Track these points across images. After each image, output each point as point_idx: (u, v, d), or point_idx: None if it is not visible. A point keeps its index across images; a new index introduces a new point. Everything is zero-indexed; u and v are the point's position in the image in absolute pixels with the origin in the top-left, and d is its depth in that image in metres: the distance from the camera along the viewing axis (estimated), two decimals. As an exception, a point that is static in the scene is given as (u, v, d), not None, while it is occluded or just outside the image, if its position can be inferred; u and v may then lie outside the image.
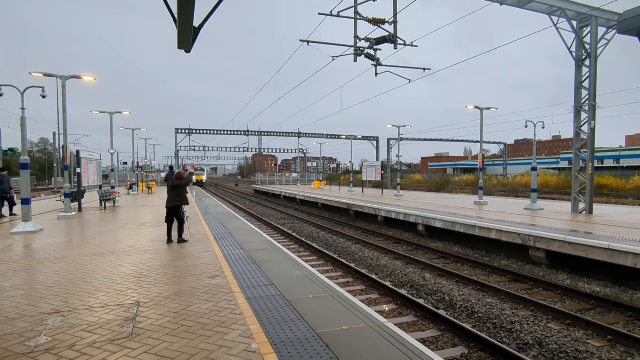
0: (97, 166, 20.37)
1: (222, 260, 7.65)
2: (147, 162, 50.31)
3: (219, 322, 4.47)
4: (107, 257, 7.92)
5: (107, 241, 9.79)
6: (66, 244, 9.62)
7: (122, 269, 6.95)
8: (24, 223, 11.33)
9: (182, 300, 5.22)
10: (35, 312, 4.77)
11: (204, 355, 3.65)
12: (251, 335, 4.08)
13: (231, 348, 3.79)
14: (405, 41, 13.24)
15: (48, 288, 5.78)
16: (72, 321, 4.48)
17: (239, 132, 53.91)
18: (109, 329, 4.25)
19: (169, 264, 7.32)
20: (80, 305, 5.04)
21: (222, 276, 6.44)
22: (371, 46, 13.36)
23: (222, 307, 4.97)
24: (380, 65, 13.80)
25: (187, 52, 6.09)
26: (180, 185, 9.61)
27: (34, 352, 3.70)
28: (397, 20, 12.92)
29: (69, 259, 7.70)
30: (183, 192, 9.67)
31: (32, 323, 4.43)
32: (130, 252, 8.38)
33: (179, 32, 5.20)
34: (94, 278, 6.33)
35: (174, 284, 5.98)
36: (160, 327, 4.30)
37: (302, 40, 13.54)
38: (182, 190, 9.65)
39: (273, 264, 7.41)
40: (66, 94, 14.93)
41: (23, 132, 12.14)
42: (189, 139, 52.47)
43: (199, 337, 4.04)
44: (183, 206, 9.78)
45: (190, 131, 51.70)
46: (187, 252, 8.44)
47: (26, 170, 11.83)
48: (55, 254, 8.26)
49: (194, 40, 5.71)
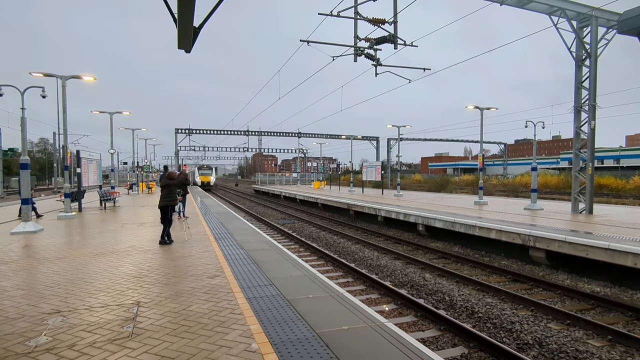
0: (97, 166, 20.38)
1: (222, 260, 7.65)
2: (147, 162, 50.35)
3: (219, 322, 4.47)
4: (107, 257, 7.92)
5: (107, 241, 9.79)
6: (66, 243, 9.62)
7: (122, 268, 6.95)
8: (24, 223, 11.33)
9: (182, 300, 5.22)
10: (36, 312, 4.78)
11: (204, 355, 3.65)
12: (251, 335, 4.08)
13: (231, 348, 3.79)
14: (405, 41, 13.24)
15: (48, 288, 5.78)
16: (72, 321, 4.48)
17: (239, 132, 53.91)
18: (109, 329, 4.25)
19: (169, 264, 7.32)
20: (80, 305, 5.04)
21: (222, 276, 6.44)
22: (371, 46, 13.35)
23: (222, 307, 4.98)
24: (380, 65, 13.80)
25: (187, 52, 6.10)
26: (170, 185, 9.59)
27: (34, 352, 3.70)
28: (397, 20, 12.92)
29: (69, 259, 7.70)
30: (173, 191, 9.62)
31: (32, 323, 4.43)
32: (131, 252, 8.38)
33: (179, 32, 5.20)
34: (94, 278, 6.33)
35: (174, 284, 5.98)
36: (160, 327, 4.30)
37: (302, 40, 13.54)
38: (172, 190, 9.61)
39: (273, 263, 7.41)
40: (66, 94, 14.94)
41: (23, 132, 12.15)
42: (189, 139, 52.46)
43: (199, 337, 4.04)
44: (176, 206, 9.79)
45: (190, 131, 51.69)
46: (187, 252, 8.44)
47: (26, 170, 11.83)
48: (55, 253, 8.26)
49: (194, 40, 5.71)
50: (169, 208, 9.50)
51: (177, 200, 9.83)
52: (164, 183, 9.70)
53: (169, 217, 9.50)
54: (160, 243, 9.29)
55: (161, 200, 9.47)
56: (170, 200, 9.52)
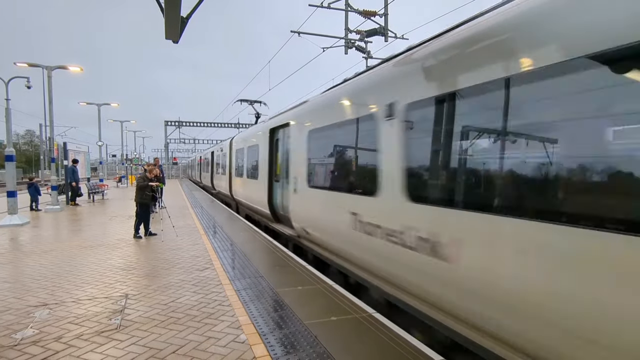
0: (85, 158, 20.12)
1: (211, 252, 7.64)
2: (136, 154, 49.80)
3: (207, 313, 4.48)
4: (95, 249, 7.86)
5: (96, 234, 9.70)
6: (53, 236, 9.52)
7: (110, 261, 6.91)
8: (10, 216, 11.18)
9: (171, 292, 5.21)
10: (22, 305, 4.74)
11: (192, 346, 3.66)
12: (240, 326, 4.10)
13: (219, 339, 3.81)
14: (395, 34, 13.25)
15: (35, 280, 5.73)
16: (59, 314, 4.46)
17: (230, 125, 53.55)
18: (97, 321, 4.24)
19: (158, 257, 7.29)
20: (67, 297, 5.01)
21: (212, 268, 6.44)
22: (362, 38, 13.34)
23: (211, 298, 4.98)
24: (371, 58, 13.79)
25: (174, 43, 6.03)
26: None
27: (20, 345, 3.68)
28: (387, 12, 12.90)
29: (56, 252, 7.63)
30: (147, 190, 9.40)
31: (18, 316, 4.40)
32: (119, 245, 8.32)
33: (166, 22, 5.14)
34: (81, 270, 6.29)
35: (162, 276, 5.97)
36: (148, 319, 4.30)
37: (293, 31, 13.45)
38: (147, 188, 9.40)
39: (262, 255, 7.42)
40: (52, 85, 14.68)
41: (8, 123, 11.93)
42: (179, 131, 52.04)
43: (187, 329, 4.05)
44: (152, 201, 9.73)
45: (180, 123, 51.23)
46: (176, 244, 8.41)
47: (11, 162, 11.64)
48: (42, 246, 8.17)
49: (182, 31, 5.65)
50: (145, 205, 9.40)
51: (147, 198, 9.50)
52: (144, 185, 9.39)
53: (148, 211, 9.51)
54: (135, 236, 9.17)
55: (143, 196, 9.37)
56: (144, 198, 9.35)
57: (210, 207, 16.58)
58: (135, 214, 9.35)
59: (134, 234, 9.22)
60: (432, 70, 3.95)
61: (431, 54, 3.99)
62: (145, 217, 9.40)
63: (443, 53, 3.80)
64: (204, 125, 52.94)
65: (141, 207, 9.31)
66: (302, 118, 7.87)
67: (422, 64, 4.12)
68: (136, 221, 9.30)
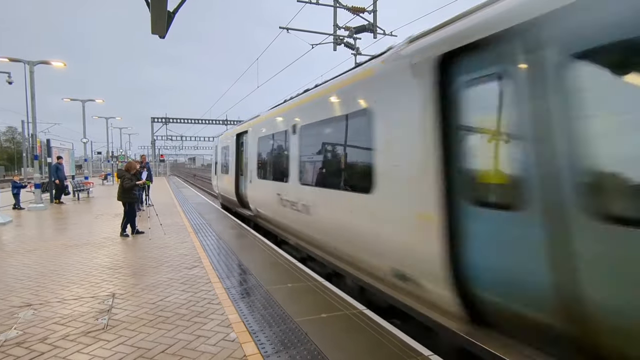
0: (69, 156, 19.74)
1: (200, 250, 7.57)
2: (122, 151, 49.08)
3: (196, 312, 4.43)
4: (80, 248, 7.72)
5: (81, 232, 9.53)
6: (37, 235, 9.32)
7: (96, 260, 6.79)
8: (-8, 215, 10.90)
9: (159, 291, 5.15)
10: (5, 306, 4.62)
11: (181, 345, 3.62)
12: (230, 325, 4.07)
13: (209, 337, 3.77)
14: (384, 30, 13.25)
15: (18, 280, 5.60)
16: (43, 314, 4.36)
17: (218, 122, 52.96)
18: (83, 321, 4.16)
19: (145, 255, 7.19)
20: (52, 297, 4.91)
21: (201, 266, 6.38)
22: (350, 35, 13.31)
23: (200, 297, 4.94)
24: (359, 55, 13.78)
25: (161, 38, 5.93)
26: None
27: (4, 346, 3.59)
28: (376, 9, 12.90)
29: (40, 251, 7.47)
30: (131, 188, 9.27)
31: (1, 317, 4.29)
32: (105, 244, 8.19)
33: (152, 17, 5.05)
34: (66, 270, 6.17)
35: (150, 275, 5.89)
36: (136, 318, 4.24)
37: (282, 27, 13.37)
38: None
39: (252, 253, 7.38)
40: (34, 81, 14.33)
41: (-12, 119, 11.61)
42: (166, 128, 51.34)
43: (176, 328, 4.00)
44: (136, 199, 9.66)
45: (167, 120, 50.49)
46: (164, 243, 8.31)
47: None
48: (25, 245, 7.99)
49: (169, 26, 5.56)
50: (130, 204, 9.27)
51: (133, 197, 9.37)
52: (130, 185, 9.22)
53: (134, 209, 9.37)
54: (122, 235, 9.04)
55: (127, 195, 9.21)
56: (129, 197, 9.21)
57: (199, 205, 16.43)
58: (124, 212, 9.21)
59: (121, 232, 9.07)
60: (309, 109, 6.85)
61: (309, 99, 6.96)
62: (132, 215, 9.24)
63: (311, 101, 6.81)
64: (192, 122, 52.31)
65: (128, 205, 9.16)
66: (255, 127, 10.44)
67: (306, 104, 7.03)
68: (124, 219, 9.16)
